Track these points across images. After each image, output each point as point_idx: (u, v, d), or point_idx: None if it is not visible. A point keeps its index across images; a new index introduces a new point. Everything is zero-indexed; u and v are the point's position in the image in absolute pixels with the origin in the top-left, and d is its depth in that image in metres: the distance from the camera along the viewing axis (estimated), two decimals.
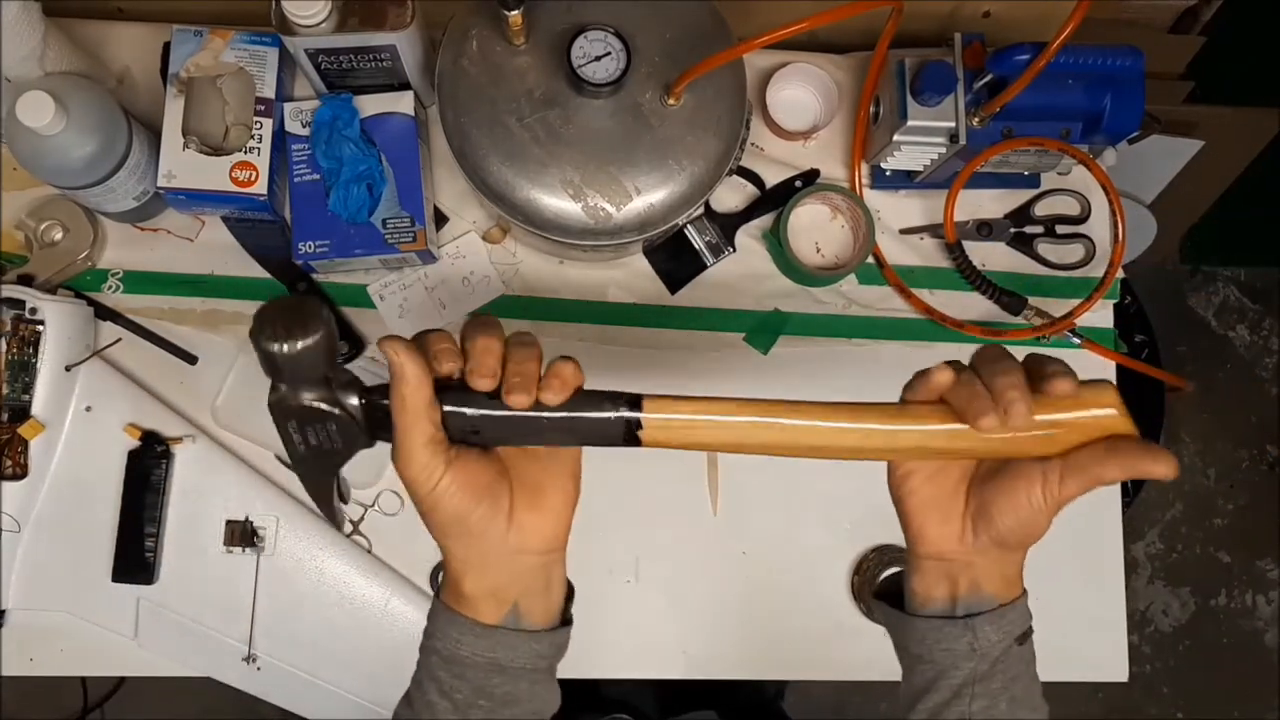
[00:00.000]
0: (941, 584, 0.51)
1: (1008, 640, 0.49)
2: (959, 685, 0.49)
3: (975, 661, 0.49)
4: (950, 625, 0.50)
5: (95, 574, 0.84)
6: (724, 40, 0.77)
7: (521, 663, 0.49)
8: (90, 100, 0.76)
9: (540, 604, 0.50)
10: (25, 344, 0.82)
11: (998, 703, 0.49)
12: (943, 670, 0.50)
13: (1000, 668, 0.49)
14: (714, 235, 0.92)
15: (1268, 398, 1.92)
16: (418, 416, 0.44)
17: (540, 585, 0.50)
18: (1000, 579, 0.50)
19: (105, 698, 1.64)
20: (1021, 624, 0.50)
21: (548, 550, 0.50)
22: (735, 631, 0.89)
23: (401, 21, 0.77)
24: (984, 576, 0.50)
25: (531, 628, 0.50)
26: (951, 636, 0.50)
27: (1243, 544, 1.87)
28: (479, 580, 0.48)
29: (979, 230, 0.94)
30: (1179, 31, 1.05)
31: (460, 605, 0.49)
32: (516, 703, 0.49)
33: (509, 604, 0.49)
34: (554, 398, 0.45)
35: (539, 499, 0.49)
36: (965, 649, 0.49)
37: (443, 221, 0.91)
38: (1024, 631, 0.50)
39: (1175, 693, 1.82)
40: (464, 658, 0.48)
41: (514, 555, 0.48)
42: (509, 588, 0.49)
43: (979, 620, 0.49)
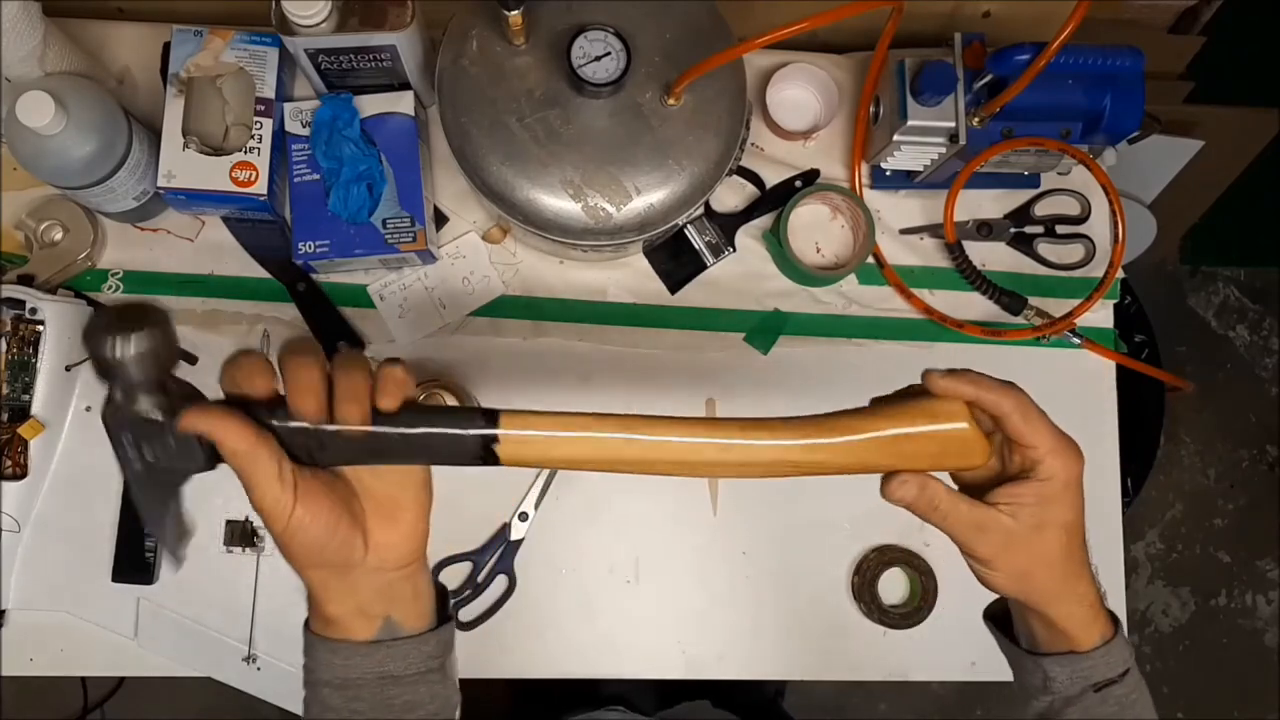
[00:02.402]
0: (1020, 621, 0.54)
1: (1081, 685, 0.50)
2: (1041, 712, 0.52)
3: (1051, 698, 0.51)
4: (1025, 658, 0.53)
5: (95, 574, 0.84)
6: (724, 40, 0.77)
7: (414, 668, 0.48)
8: (90, 100, 0.76)
9: (412, 610, 0.49)
10: (25, 344, 0.82)
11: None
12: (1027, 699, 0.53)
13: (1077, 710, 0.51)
14: (714, 235, 0.92)
15: (1268, 398, 1.92)
16: (253, 457, 0.43)
17: (408, 595, 0.49)
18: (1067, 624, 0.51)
19: (105, 698, 1.64)
20: (1101, 673, 0.51)
21: (408, 564, 0.49)
22: (735, 632, 0.89)
23: (401, 21, 0.77)
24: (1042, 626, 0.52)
25: (411, 633, 0.49)
26: (1029, 670, 0.52)
27: (1243, 544, 1.87)
28: (344, 603, 0.47)
29: (979, 230, 0.94)
30: (1179, 31, 1.05)
31: (331, 631, 0.48)
32: (419, 706, 0.49)
33: (380, 619, 0.48)
34: (389, 401, 0.44)
35: (393, 515, 0.48)
36: (1040, 684, 0.51)
37: (443, 221, 0.91)
38: (1105, 680, 0.51)
39: (1175, 693, 1.82)
40: (355, 680, 0.47)
41: (374, 574, 0.47)
42: (375, 605, 0.48)
43: (1047, 661, 0.51)
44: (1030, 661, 0.52)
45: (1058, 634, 0.51)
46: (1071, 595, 0.50)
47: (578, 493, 0.89)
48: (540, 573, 0.88)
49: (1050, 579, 0.49)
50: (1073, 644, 0.51)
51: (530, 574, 0.88)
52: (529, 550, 0.88)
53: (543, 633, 0.88)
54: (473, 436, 0.44)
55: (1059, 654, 0.51)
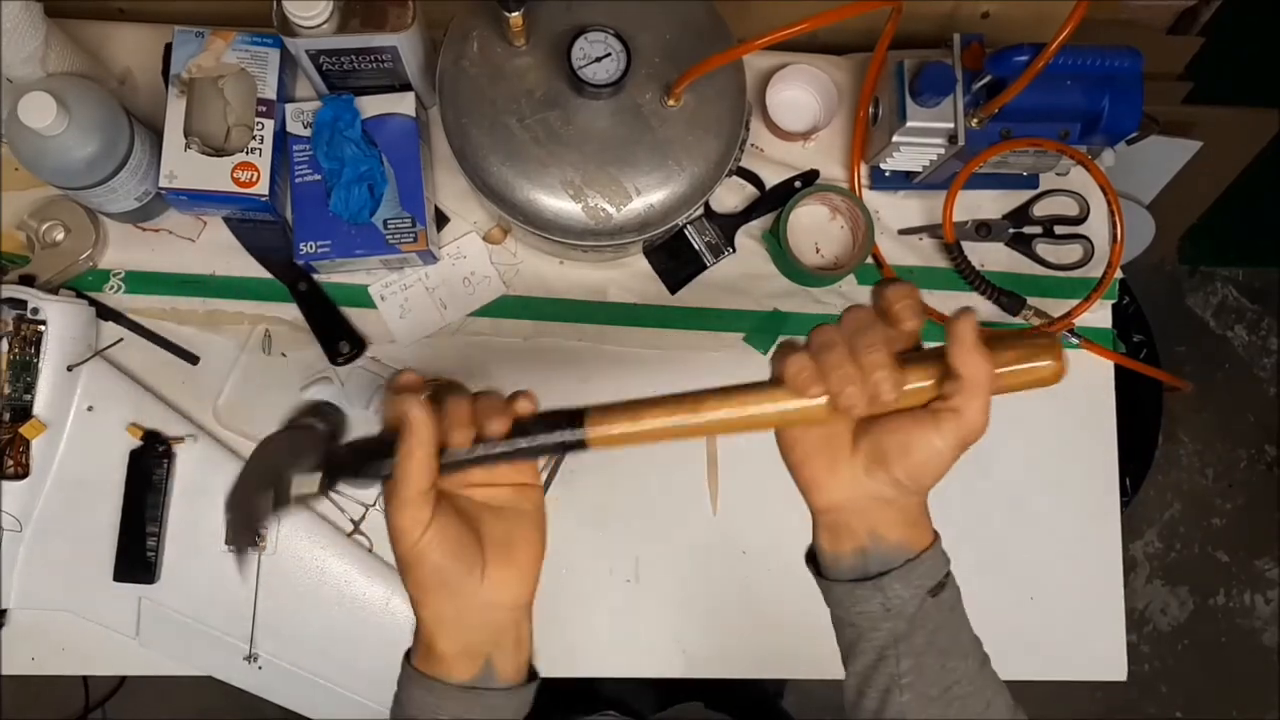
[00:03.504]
0: (843, 538, 0.50)
1: (920, 595, 0.48)
2: (881, 646, 0.49)
3: (892, 621, 0.48)
4: (860, 587, 0.49)
5: (97, 573, 0.84)
6: (724, 41, 0.77)
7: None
8: (92, 101, 0.76)
9: (512, 659, 0.50)
10: (27, 344, 0.82)
11: (924, 659, 0.48)
12: (862, 632, 0.50)
13: (919, 623, 0.48)
14: (714, 235, 0.92)
15: (1266, 397, 1.92)
16: (422, 467, 0.45)
17: (511, 640, 0.50)
18: (902, 524, 0.49)
19: (106, 697, 1.64)
20: (933, 575, 0.49)
21: (518, 605, 0.51)
22: (735, 631, 0.89)
23: (402, 23, 0.77)
24: (883, 523, 0.49)
25: (505, 685, 0.50)
26: (863, 599, 0.49)
27: (1241, 543, 1.87)
28: (454, 638, 0.49)
29: (978, 231, 0.94)
30: (1177, 32, 1.05)
31: (433, 666, 0.49)
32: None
33: (482, 660, 0.49)
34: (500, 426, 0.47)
35: (509, 554, 0.50)
36: (879, 610, 0.49)
37: (444, 222, 0.91)
38: (937, 583, 0.49)
39: (1174, 692, 1.82)
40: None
41: (487, 610, 0.49)
42: (482, 645, 0.49)
43: (887, 579, 0.48)
44: (867, 588, 0.49)
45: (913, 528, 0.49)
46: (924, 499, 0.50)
47: (578, 492, 0.89)
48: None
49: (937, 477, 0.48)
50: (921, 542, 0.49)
51: None
52: None
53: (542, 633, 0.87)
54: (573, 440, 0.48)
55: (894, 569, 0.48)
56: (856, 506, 0.49)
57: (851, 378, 0.44)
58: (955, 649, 0.50)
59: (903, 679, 0.48)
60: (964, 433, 0.46)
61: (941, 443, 0.46)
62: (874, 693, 0.49)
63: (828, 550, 0.51)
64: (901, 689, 0.48)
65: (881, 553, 0.49)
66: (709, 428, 0.48)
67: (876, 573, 0.49)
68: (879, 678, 0.49)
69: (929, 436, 0.46)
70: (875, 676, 0.49)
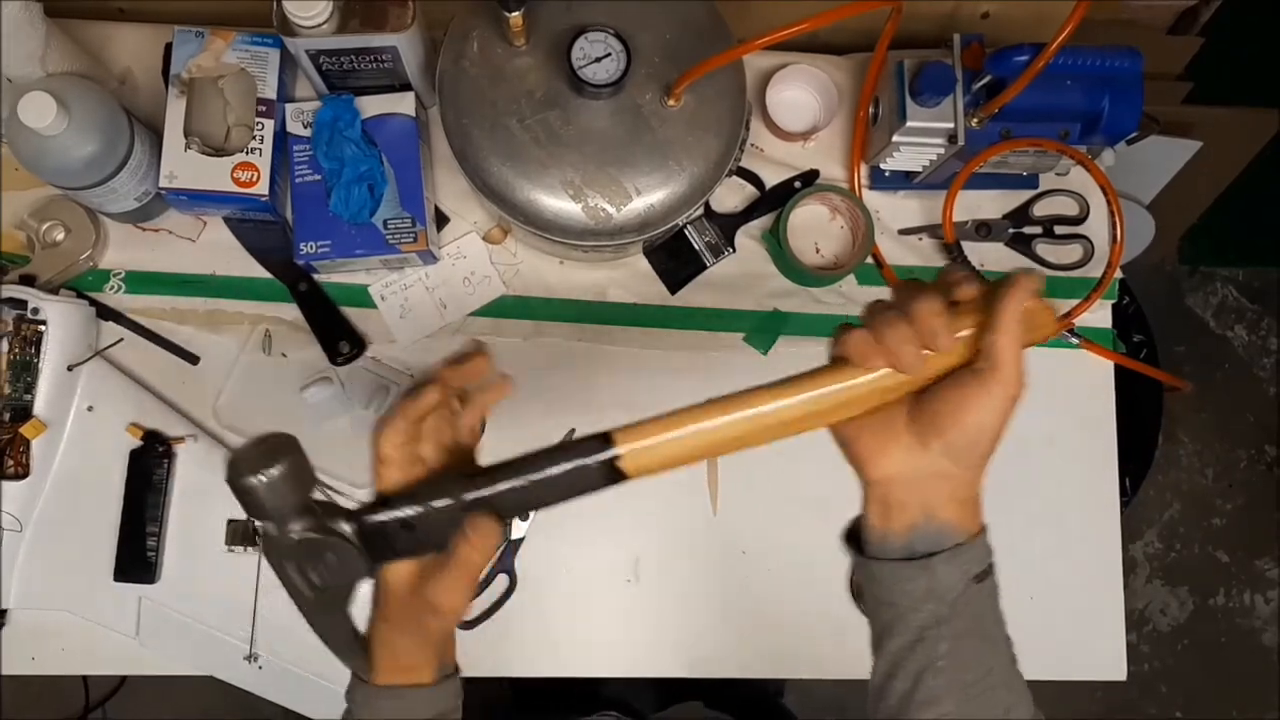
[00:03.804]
0: (895, 514, 0.49)
1: (965, 580, 0.48)
2: (921, 626, 0.48)
3: (934, 604, 0.48)
4: (906, 567, 0.48)
5: (97, 573, 0.84)
6: (724, 41, 0.77)
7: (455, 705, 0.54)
8: (92, 101, 0.76)
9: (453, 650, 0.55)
10: (27, 344, 0.82)
11: (963, 644, 0.48)
12: (902, 612, 0.49)
13: (961, 608, 0.48)
14: (714, 235, 0.92)
15: (1266, 397, 1.92)
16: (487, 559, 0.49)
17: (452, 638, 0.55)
18: (955, 504, 0.49)
19: (107, 697, 1.64)
20: (980, 562, 0.49)
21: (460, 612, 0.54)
22: (735, 631, 0.90)
23: (402, 23, 0.77)
24: (937, 499, 0.48)
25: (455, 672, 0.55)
26: (908, 578, 0.48)
27: (1241, 543, 1.87)
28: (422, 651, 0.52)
29: (978, 231, 0.94)
30: (1177, 32, 1.05)
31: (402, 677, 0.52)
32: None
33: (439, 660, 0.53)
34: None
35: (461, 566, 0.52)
36: (923, 590, 0.48)
37: (444, 222, 0.91)
38: (983, 570, 0.49)
39: (1174, 692, 1.82)
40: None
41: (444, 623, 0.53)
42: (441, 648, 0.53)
43: (935, 561, 0.48)
44: (913, 568, 0.48)
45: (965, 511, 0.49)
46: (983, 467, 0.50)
47: None
48: (540, 572, 0.88)
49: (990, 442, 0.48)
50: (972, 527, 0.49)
51: (530, 574, 0.88)
52: (529, 550, 0.88)
53: (543, 633, 0.88)
54: (596, 464, 0.47)
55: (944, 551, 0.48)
56: (912, 480, 0.49)
57: (907, 336, 0.45)
58: (992, 638, 0.49)
59: (939, 661, 0.48)
60: (1008, 388, 0.46)
61: (990, 401, 0.46)
62: (906, 674, 0.49)
63: (877, 527, 0.50)
64: (936, 671, 0.48)
65: (932, 532, 0.48)
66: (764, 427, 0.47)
67: (924, 553, 0.48)
68: (915, 659, 0.48)
69: (978, 396, 0.46)
70: (911, 657, 0.48)
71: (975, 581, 0.48)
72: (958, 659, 0.48)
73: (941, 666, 0.48)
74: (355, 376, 0.88)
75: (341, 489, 0.87)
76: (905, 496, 0.49)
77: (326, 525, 0.46)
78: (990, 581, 0.49)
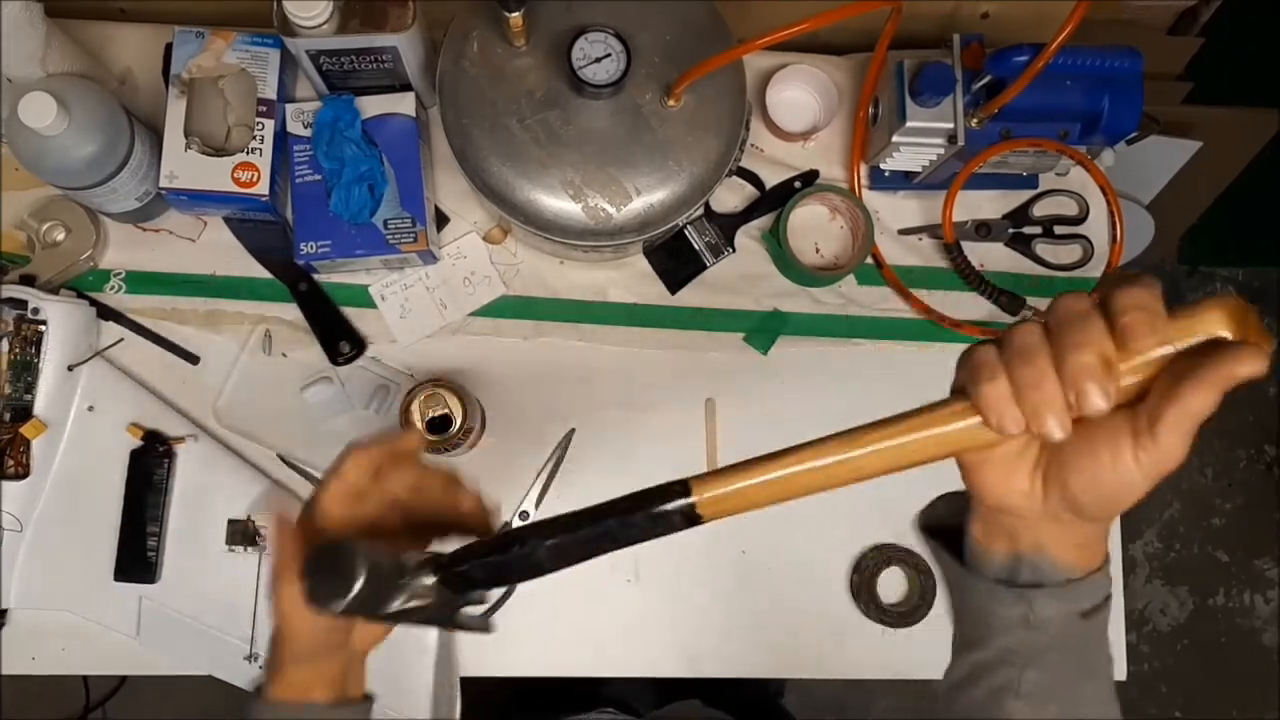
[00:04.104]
0: (1000, 539, 0.44)
1: (1070, 616, 0.43)
2: (1008, 650, 0.44)
3: (1027, 632, 0.44)
4: (1005, 591, 0.44)
5: (97, 573, 0.84)
6: (724, 41, 0.77)
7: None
8: (92, 101, 0.76)
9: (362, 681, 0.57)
10: (28, 344, 0.82)
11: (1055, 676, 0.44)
12: (993, 631, 0.45)
13: (1061, 642, 0.44)
14: (714, 236, 0.92)
15: (1265, 397, 1.92)
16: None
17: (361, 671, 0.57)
18: (1073, 547, 0.43)
19: (107, 697, 1.64)
20: (1091, 599, 0.44)
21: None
22: (735, 631, 0.90)
23: (403, 23, 0.77)
24: (1051, 540, 0.43)
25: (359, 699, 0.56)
26: (1005, 603, 0.44)
27: (1241, 543, 1.87)
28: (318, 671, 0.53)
29: (977, 231, 0.94)
30: (1177, 32, 1.05)
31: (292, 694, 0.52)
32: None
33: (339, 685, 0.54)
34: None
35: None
36: (1018, 619, 0.44)
37: (444, 222, 0.91)
38: (1094, 606, 0.44)
39: (1173, 692, 1.82)
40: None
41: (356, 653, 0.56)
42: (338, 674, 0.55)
43: (1037, 594, 0.43)
44: (1011, 595, 0.44)
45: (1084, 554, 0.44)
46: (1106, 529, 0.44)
47: (578, 492, 0.89)
48: None
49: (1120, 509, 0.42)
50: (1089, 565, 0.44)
51: None
52: None
53: (543, 633, 0.88)
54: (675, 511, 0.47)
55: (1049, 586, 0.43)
56: (1027, 518, 0.43)
57: (1053, 402, 0.37)
58: (1091, 672, 0.45)
59: (1024, 687, 0.44)
60: (1165, 466, 0.38)
61: (1140, 473, 0.38)
62: (986, 686, 0.46)
63: (979, 541, 0.46)
64: (1018, 695, 0.45)
65: (1037, 565, 0.44)
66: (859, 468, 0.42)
67: (1025, 582, 0.44)
68: (996, 677, 0.45)
69: (1127, 466, 0.38)
70: (993, 675, 0.45)
71: (1082, 618, 0.44)
72: (1045, 689, 0.45)
73: (1025, 692, 0.44)
74: (355, 376, 0.88)
75: None
76: (1018, 528, 0.44)
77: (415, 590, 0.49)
78: (1102, 616, 0.45)
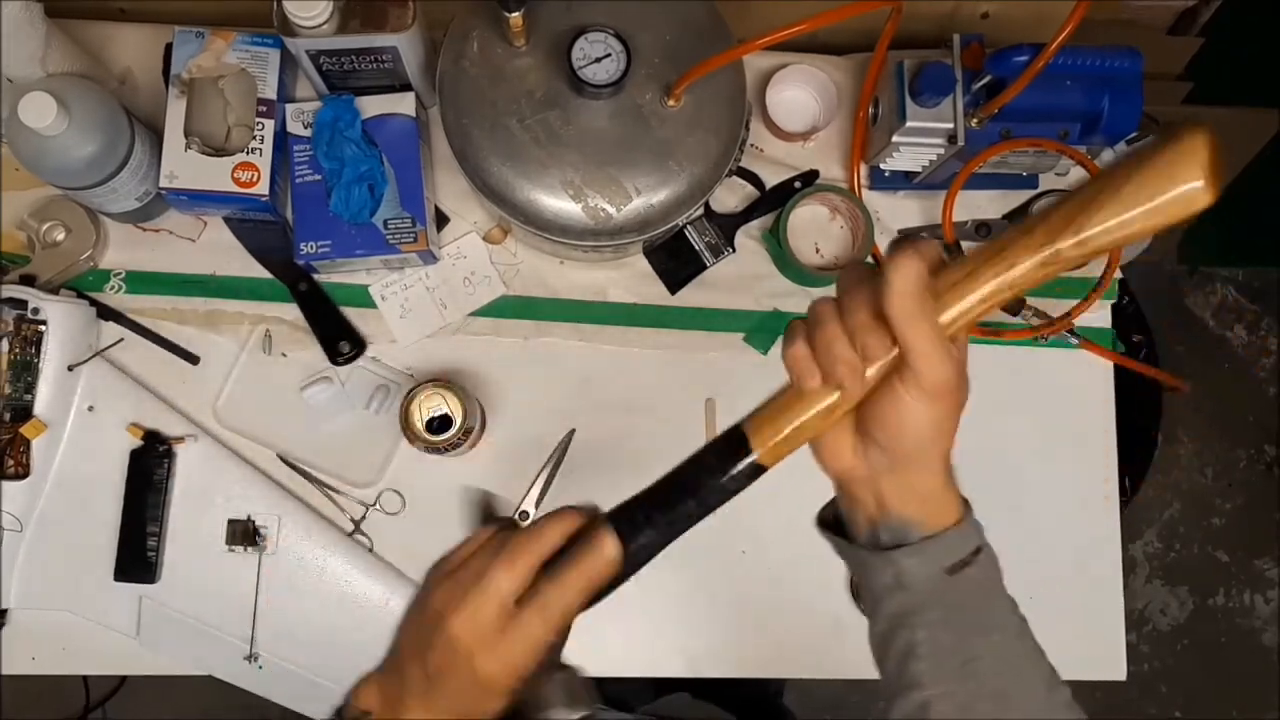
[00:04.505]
0: (855, 506, 0.49)
1: (935, 572, 0.46)
2: (894, 615, 0.48)
3: (903, 594, 0.47)
4: (873, 556, 0.48)
5: (97, 573, 0.84)
6: (724, 42, 0.77)
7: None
8: (92, 101, 0.76)
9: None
10: (28, 344, 0.82)
11: (939, 633, 0.47)
12: (878, 599, 0.48)
13: (935, 599, 0.47)
14: (714, 236, 0.92)
15: (1265, 397, 1.92)
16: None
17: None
18: (915, 502, 0.47)
19: (107, 696, 1.64)
20: (953, 554, 0.47)
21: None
22: (735, 631, 0.90)
23: (403, 23, 0.77)
24: (889, 494, 0.47)
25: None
26: (876, 569, 0.48)
27: (1241, 543, 1.87)
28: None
29: (977, 230, 0.94)
30: (1177, 32, 1.05)
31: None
32: None
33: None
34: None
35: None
36: (891, 581, 0.47)
37: (444, 222, 0.91)
38: (958, 561, 0.47)
39: (1173, 692, 1.82)
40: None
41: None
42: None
43: (899, 555, 0.46)
44: (879, 559, 0.47)
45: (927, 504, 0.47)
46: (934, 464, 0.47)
47: (578, 492, 0.89)
48: None
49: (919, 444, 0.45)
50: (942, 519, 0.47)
51: None
52: None
53: None
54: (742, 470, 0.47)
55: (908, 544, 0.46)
56: (861, 476, 0.47)
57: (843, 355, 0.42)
58: (978, 625, 0.48)
59: (918, 648, 0.47)
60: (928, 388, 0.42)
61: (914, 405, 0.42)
62: (893, 656, 0.49)
63: (847, 518, 0.50)
64: (917, 657, 0.47)
65: (891, 525, 0.47)
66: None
67: (888, 545, 0.47)
68: (897, 642, 0.48)
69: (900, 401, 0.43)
70: (892, 642, 0.48)
71: (948, 574, 0.47)
72: (936, 646, 0.47)
73: (922, 653, 0.47)
74: (355, 376, 0.88)
75: (341, 488, 0.87)
76: (858, 491, 0.48)
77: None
78: (975, 569, 0.47)
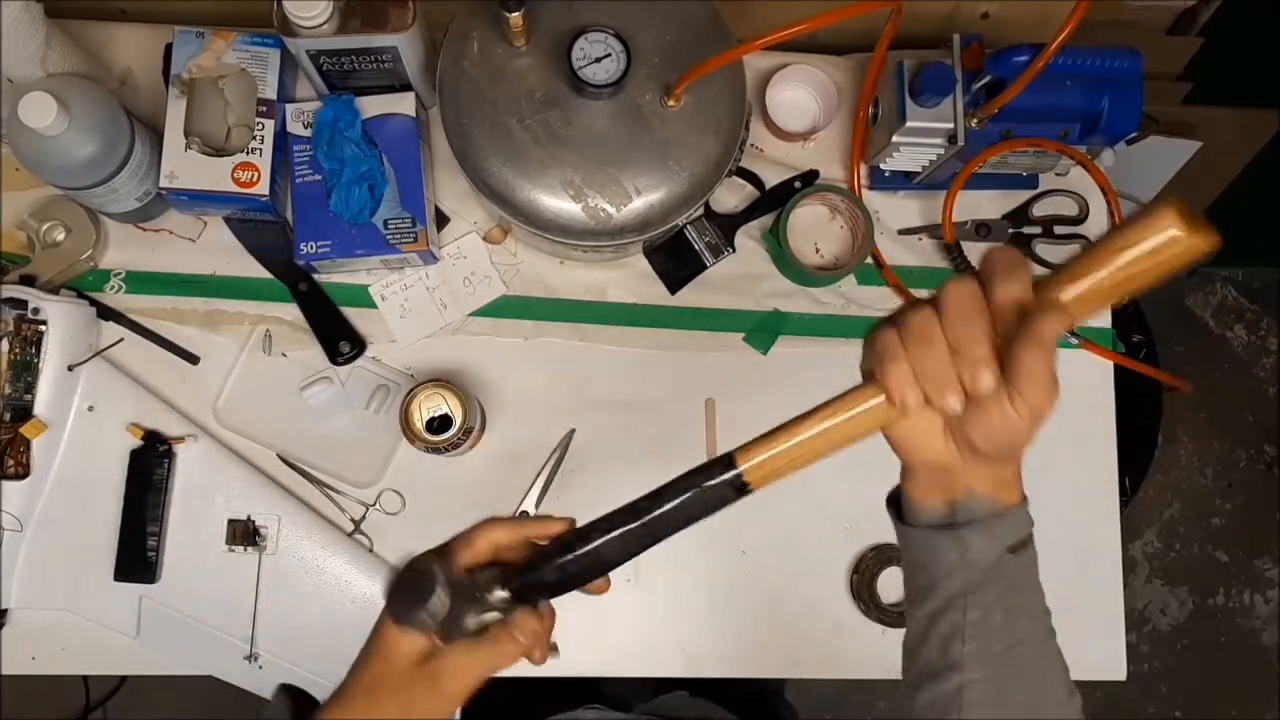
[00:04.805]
0: (934, 492, 0.50)
1: (999, 550, 0.48)
2: (952, 595, 0.49)
3: (966, 571, 0.49)
4: (940, 535, 0.49)
5: (97, 573, 0.84)
6: (724, 42, 0.77)
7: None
8: (92, 101, 0.76)
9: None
10: (28, 344, 0.82)
11: (992, 613, 0.49)
12: (936, 579, 0.50)
13: (994, 577, 0.48)
14: (714, 236, 0.92)
15: (1265, 397, 1.92)
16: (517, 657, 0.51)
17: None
18: (995, 482, 0.49)
19: (107, 697, 1.64)
20: (1015, 533, 0.49)
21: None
22: (735, 631, 0.90)
23: (403, 23, 0.77)
24: (976, 480, 0.49)
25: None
26: (942, 547, 0.49)
27: (1240, 543, 1.87)
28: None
29: (977, 231, 0.94)
30: (1177, 32, 1.05)
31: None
32: None
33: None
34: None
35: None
36: (956, 559, 0.49)
37: (444, 222, 0.91)
38: (1019, 541, 0.49)
39: (1173, 691, 1.82)
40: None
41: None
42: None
43: (968, 530, 0.48)
44: (946, 538, 0.49)
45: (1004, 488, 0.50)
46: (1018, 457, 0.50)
47: (578, 492, 0.89)
48: None
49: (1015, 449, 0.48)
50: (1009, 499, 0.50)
51: None
52: None
53: None
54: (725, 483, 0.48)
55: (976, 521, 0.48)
56: (947, 466, 0.49)
57: (953, 383, 0.44)
58: (1026, 609, 0.50)
59: (968, 629, 0.48)
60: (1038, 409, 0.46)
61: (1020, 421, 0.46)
62: (936, 639, 0.50)
63: (914, 497, 0.51)
64: (965, 639, 0.48)
65: (968, 505, 0.49)
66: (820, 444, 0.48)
67: (961, 521, 0.49)
68: (943, 624, 0.49)
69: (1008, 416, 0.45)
70: (940, 623, 0.49)
71: (1010, 553, 0.49)
72: (987, 627, 0.49)
73: (971, 634, 0.48)
74: (355, 376, 0.88)
75: (341, 488, 0.87)
76: (941, 479, 0.50)
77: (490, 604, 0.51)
78: (1028, 552, 0.50)
